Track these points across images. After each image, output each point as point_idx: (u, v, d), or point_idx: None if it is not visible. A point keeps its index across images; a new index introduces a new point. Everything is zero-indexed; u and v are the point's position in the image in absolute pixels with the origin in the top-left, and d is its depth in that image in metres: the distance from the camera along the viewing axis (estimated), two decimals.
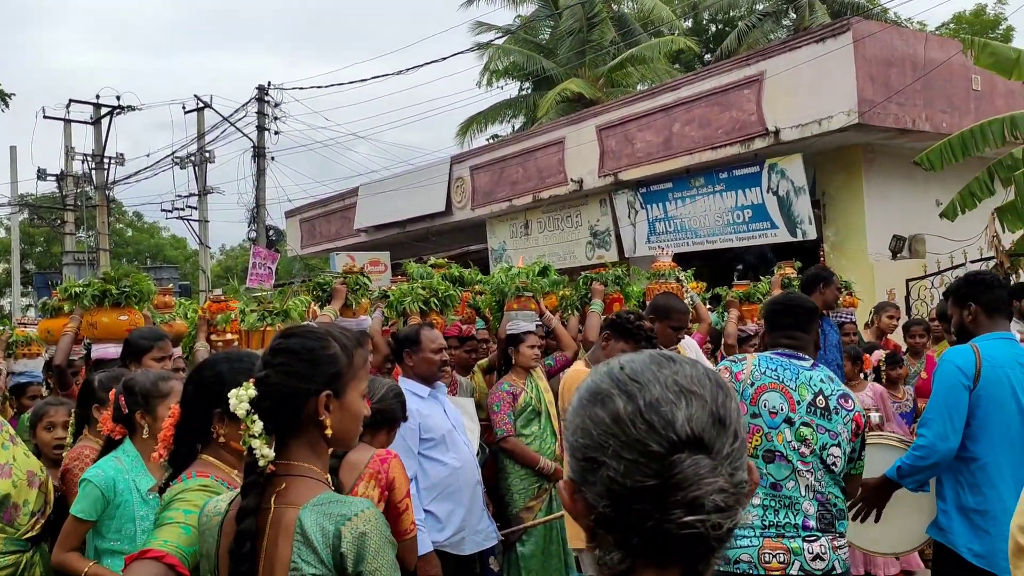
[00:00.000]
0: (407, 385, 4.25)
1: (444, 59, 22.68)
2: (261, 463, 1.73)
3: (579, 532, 4.13)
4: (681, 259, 6.89)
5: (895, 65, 10.31)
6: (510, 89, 24.63)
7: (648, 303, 5.56)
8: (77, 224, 24.83)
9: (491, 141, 22.88)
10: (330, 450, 1.86)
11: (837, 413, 2.86)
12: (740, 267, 11.57)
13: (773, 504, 2.74)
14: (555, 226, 14.45)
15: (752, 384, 2.84)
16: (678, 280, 6.11)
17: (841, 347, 5.49)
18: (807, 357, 2.99)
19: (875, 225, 11.12)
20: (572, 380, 4.27)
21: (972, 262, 9.45)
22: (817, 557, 2.72)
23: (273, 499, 1.73)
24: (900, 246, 11.22)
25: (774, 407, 2.79)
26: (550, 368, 5.63)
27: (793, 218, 10.92)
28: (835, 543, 2.79)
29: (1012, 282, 9.20)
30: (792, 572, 2.69)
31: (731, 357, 3.04)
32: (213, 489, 2.11)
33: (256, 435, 1.74)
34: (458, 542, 4.20)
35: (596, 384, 1.00)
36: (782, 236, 11.07)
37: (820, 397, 2.86)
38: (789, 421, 2.80)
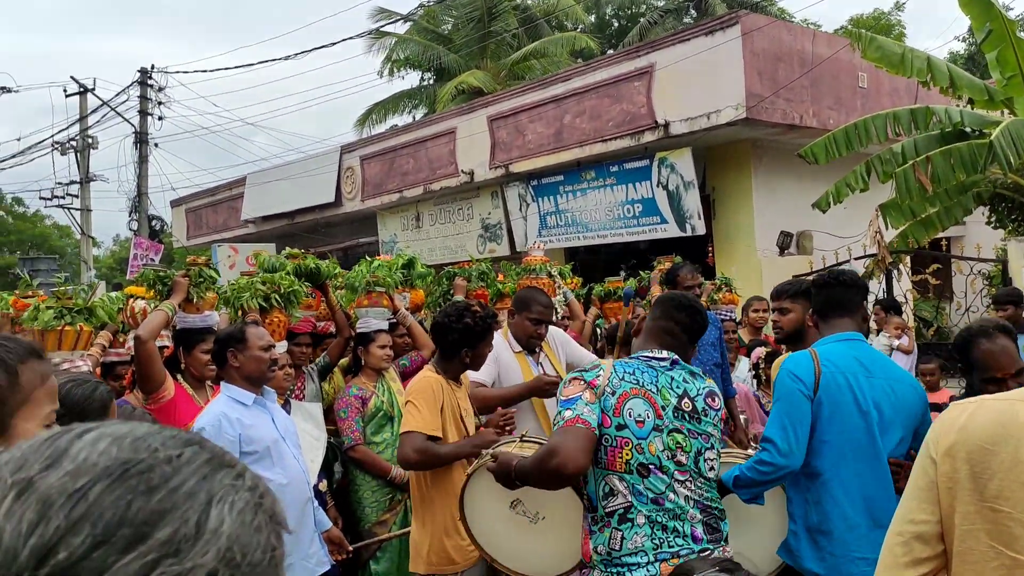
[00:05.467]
0: (228, 391, 3.77)
1: (334, 44, 22.11)
2: None
3: (420, 554, 3.76)
4: (572, 254, 6.57)
5: (783, 60, 10.24)
6: (411, 79, 24.13)
7: None
8: None
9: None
10: None
11: (706, 415, 2.60)
12: (633, 263, 11.37)
13: (660, 519, 2.44)
14: (446, 219, 14.01)
15: (614, 393, 2.47)
16: (550, 276, 5.79)
17: (720, 345, 5.28)
18: (666, 356, 2.65)
19: (763, 221, 11.06)
20: (417, 387, 3.82)
21: (856, 259, 9.45)
22: None
23: None
24: (787, 242, 11.21)
25: (639, 415, 2.46)
26: (405, 369, 5.20)
27: (683, 213, 10.76)
28: (725, 554, 2.55)
29: (893, 278, 9.23)
30: None
31: (585, 366, 2.62)
32: None
33: None
34: (285, 568, 3.74)
35: None
36: (672, 231, 10.90)
37: (685, 400, 2.57)
38: (658, 429, 2.49)
